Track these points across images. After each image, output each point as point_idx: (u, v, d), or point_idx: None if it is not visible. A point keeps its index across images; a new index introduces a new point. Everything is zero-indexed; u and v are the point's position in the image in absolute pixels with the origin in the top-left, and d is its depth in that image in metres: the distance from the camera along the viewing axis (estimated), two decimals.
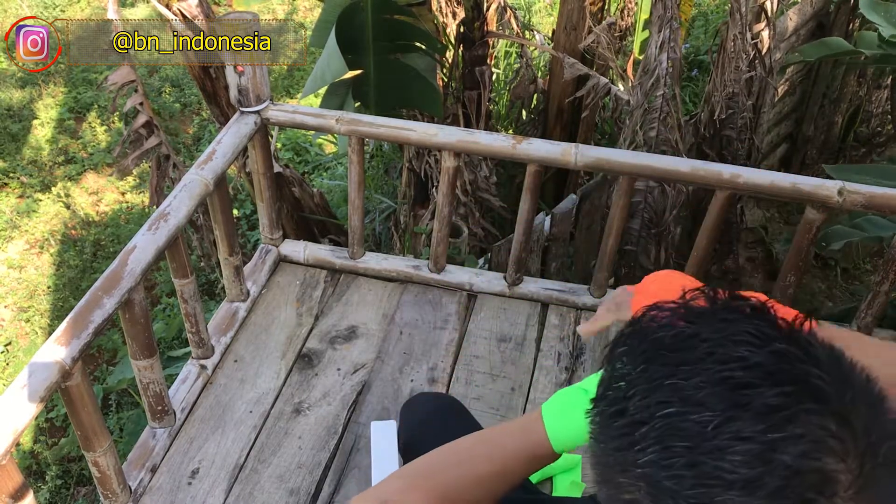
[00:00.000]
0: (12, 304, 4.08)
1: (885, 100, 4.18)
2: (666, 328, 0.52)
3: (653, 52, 2.68)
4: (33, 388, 1.37)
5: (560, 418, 0.78)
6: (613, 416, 0.51)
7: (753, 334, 0.49)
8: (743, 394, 0.46)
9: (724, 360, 0.48)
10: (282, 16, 6.38)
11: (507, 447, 0.80)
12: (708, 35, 5.45)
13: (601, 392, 0.54)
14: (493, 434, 0.84)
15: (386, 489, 0.81)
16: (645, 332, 0.53)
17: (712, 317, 0.51)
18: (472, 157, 3.20)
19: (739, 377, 0.47)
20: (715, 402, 0.46)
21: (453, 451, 0.83)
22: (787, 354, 0.48)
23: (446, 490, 0.80)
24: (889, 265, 2.05)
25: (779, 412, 0.45)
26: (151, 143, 2.73)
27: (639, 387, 0.50)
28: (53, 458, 3.26)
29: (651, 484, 0.47)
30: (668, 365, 0.49)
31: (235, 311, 2.23)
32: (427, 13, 3.07)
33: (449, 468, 0.81)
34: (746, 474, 0.44)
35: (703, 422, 0.46)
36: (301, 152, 4.98)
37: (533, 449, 0.79)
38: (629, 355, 0.53)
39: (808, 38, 3.70)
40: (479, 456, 0.81)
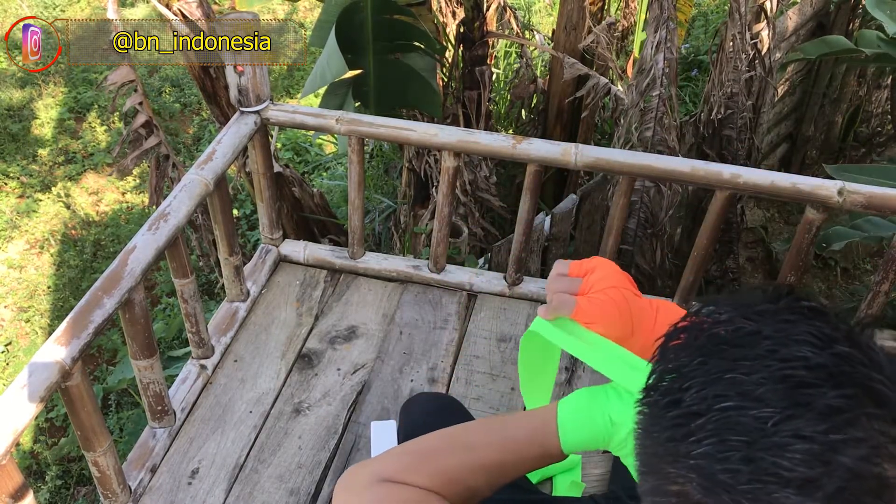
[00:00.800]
0: (12, 304, 4.08)
1: (885, 100, 4.18)
2: (725, 324, 0.52)
3: (649, 52, 2.69)
4: (33, 388, 1.37)
5: (574, 420, 0.76)
6: (667, 406, 0.50)
7: (816, 335, 0.48)
8: (804, 393, 0.46)
9: (786, 359, 0.47)
10: (282, 16, 6.38)
11: (517, 440, 0.79)
12: (708, 35, 5.45)
13: (653, 382, 0.53)
14: (504, 424, 0.82)
15: (386, 466, 0.80)
16: (702, 327, 0.53)
17: (774, 316, 0.51)
18: (472, 157, 3.20)
19: (801, 376, 0.46)
20: (775, 398, 0.46)
21: (461, 435, 0.82)
22: (850, 357, 0.47)
23: (448, 474, 0.78)
24: (889, 265, 2.05)
25: (840, 414, 0.45)
26: (151, 142, 2.73)
27: (696, 379, 0.49)
28: (53, 458, 3.26)
29: (704, 476, 0.46)
30: (727, 359, 0.49)
31: (235, 311, 2.23)
32: (427, 13, 3.07)
33: (454, 453, 0.80)
34: (805, 473, 0.44)
35: (763, 417, 0.46)
36: (301, 152, 4.99)
37: (542, 446, 0.78)
38: (685, 349, 0.52)
39: (808, 37, 3.70)
40: (487, 444, 0.79)
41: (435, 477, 0.78)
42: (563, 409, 0.77)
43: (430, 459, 0.80)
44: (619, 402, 0.74)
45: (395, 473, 0.78)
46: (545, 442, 0.77)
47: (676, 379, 0.51)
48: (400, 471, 0.79)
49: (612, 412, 0.74)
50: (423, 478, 0.78)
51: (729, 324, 0.51)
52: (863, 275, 3.78)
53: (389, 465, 0.80)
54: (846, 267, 3.80)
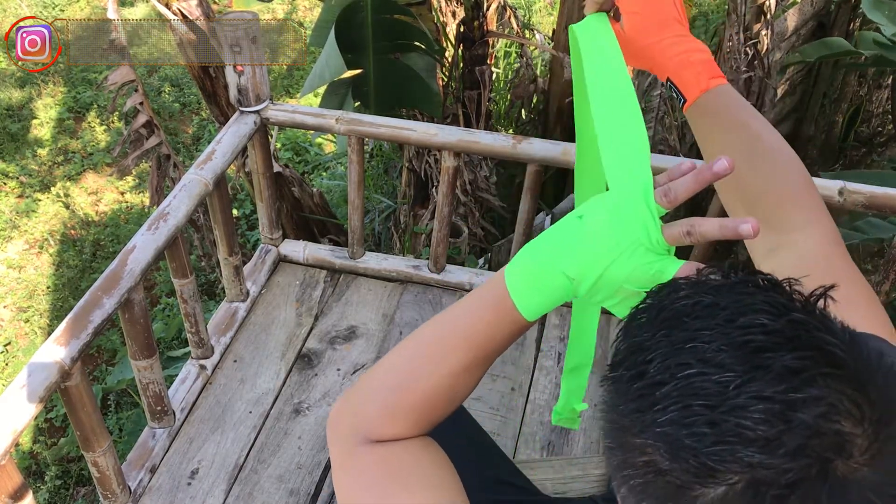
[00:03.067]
0: (11, 304, 4.08)
1: (885, 100, 4.18)
2: (684, 299, 0.53)
3: None
4: (32, 389, 1.37)
5: (526, 290, 0.69)
6: (632, 379, 0.51)
7: (772, 304, 0.50)
8: (763, 356, 0.47)
9: (744, 326, 0.49)
10: (282, 15, 6.38)
11: (479, 331, 0.73)
12: (708, 35, 5.44)
13: (618, 359, 0.54)
14: (459, 320, 0.75)
15: (367, 416, 0.76)
16: (663, 304, 0.54)
17: (731, 289, 0.52)
18: (472, 157, 3.20)
19: (760, 341, 0.48)
20: (735, 363, 0.47)
21: (421, 349, 0.76)
22: (805, 323, 0.49)
23: (427, 399, 0.74)
24: (889, 265, 2.05)
25: (798, 374, 0.46)
26: (152, 142, 2.73)
27: (659, 350, 0.50)
28: (53, 459, 3.26)
29: (670, 443, 0.48)
30: (688, 330, 0.50)
31: (235, 311, 2.23)
32: (427, 13, 3.07)
33: (425, 373, 0.74)
34: (766, 432, 0.45)
35: (724, 382, 0.47)
36: (301, 152, 4.98)
37: (507, 325, 0.71)
38: (647, 325, 0.53)
39: (808, 37, 3.70)
40: (452, 348, 0.74)
41: (416, 413, 0.75)
42: (510, 280, 0.70)
43: (403, 395, 0.75)
44: (570, 251, 0.66)
45: (375, 426, 0.75)
46: (507, 319, 0.71)
47: (640, 352, 0.52)
48: (379, 420, 0.75)
49: (565, 268, 0.66)
50: (404, 421, 0.75)
51: (688, 299, 0.53)
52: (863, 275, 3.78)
53: (368, 412, 0.76)
54: None
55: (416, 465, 0.74)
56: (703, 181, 0.63)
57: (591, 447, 1.96)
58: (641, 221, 0.63)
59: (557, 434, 1.99)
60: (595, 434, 1.99)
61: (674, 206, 0.64)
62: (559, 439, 1.98)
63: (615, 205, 0.64)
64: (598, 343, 2.21)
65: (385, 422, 0.75)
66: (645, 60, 0.85)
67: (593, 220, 0.65)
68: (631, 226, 0.63)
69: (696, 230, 0.63)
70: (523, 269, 0.69)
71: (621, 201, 0.64)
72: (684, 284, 0.54)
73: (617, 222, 0.64)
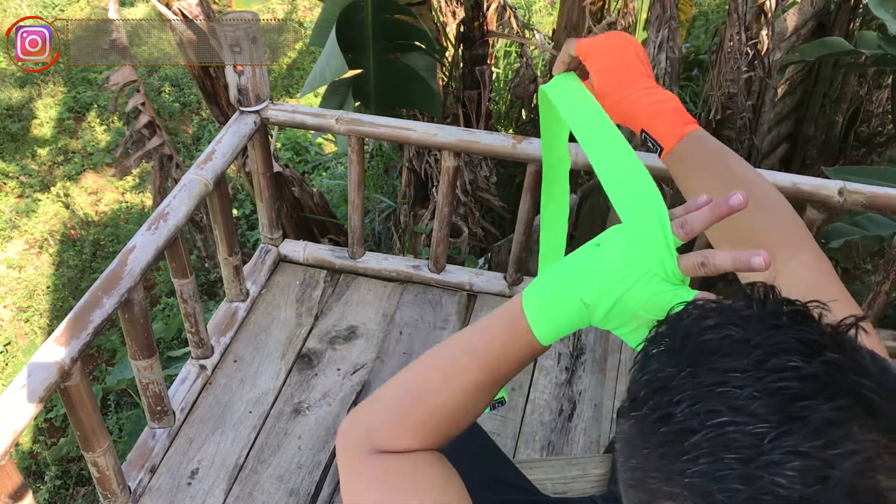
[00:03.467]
0: (11, 304, 4.08)
1: (885, 100, 4.18)
2: (712, 330, 0.50)
3: (651, 51, 2.69)
4: (32, 389, 1.37)
5: (542, 314, 0.70)
6: (657, 421, 0.49)
7: (804, 342, 0.48)
8: (798, 405, 0.45)
9: (777, 370, 0.47)
10: (282, 15, 6.38)
11: (493, 352, 0.73)
12: (708, 35, 5.44)
13: (640, 394, 0.52)
14: (473, 340, 0.75)
15: (376, 427, 0.76)
16: (688, 332, 0.51)
17: (760, 322, 0.50)
18: (472, 157, 3.20)
19: (795, 388, 0.46)
20: (770, 413, 0.45)
21: (436, 367, 0.77)
22: (840, 365, 0.47)
23: (437, 415, 0.75)
24: (889, 265, 2.05)
25: (835, 427, 0.45)
26: (154, 143, 2.73)
27: (686, 392, 0.48)
28: (53, 459, 3.26)
29: (700, 495, 0.46)
30: (717, 370, 0.48)
31: (235, 311, 2.23)
32: (427, 13, 3.06)
33: (436, 389, 0.75)
34: (803, 491, 0.44)
35: (759, 434, 0.45)
36: (301, 152, 4.98)
37: (521, 347, 0.72)
38: (671, 356, 0.51)
39: (808, 37, 3.70)
40: (465, 368, 0.74)
41: (424, 428, 0.75)
42: (527, 303, 0.71)
43: (413, 410, 0.75)
44: (587, 277, 0.67)
45: (384, 438, 0.75)
46: (522, 342, 0.71)
47: (665, 392, 0.49)
48: (388, 433, 0.75)
49: (581, 294, 0.67)
50: (413, 435, 0.75)
51: (716, 330, 0.50)
52: (863, 275, 3.78)
53: (377, 424, 0.76)
54: (847, 267, 3.79)
55: (422, 477, 0.74)
56: (719, 215, 0.63)
57: (591, 447, 1.96)
58: (657, 251, 0.64)
59: (557, 434, 1.99)
60: (595, 434, 1.99)
61: (690, 238, 0.64)
62: (559, 439, 1.98)
63: (632, 234, 0.65)
64: (597, 339, 2.21)
65: (394, 433, 0.75)
66: (617, 115, 0.86)
67: (611, 248, 0.66)
68: (647, 255, 0.64)
69: (710, 261, 0.63)
70: (541, 293, 0.70)
71: (638, 231, 0.65)
72: (711, 311, 0.52)
73: (634, 251, 0.64)
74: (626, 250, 0.65)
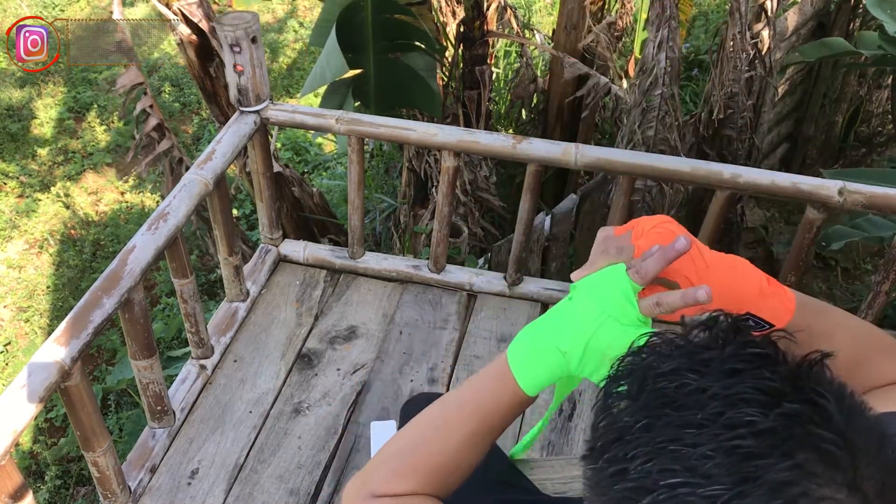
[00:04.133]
0: (12, 304, 4.08)
1: (885, 100, 4.18)
2: (669, 376, 0.50)
3: (651, 51, 2.69)
4: (33, 389, 1.37)
5: (525, 364, 0.74)
6: (613, 476, 0.49)
7: (763, 391, 0.47)
8: (753, 465, 0.44)
9: (733, 425, 0.46)
10: (282, 15, 6.38)
11: (482, 404, 0.77)
12: (708, 35, 5.44)
13: (598, 443, 0.51)
14: (464, 395, 0.80)
15: (373, 479, 0.79)
16: (645, 377, 0.51)
17: (720, 366, 0.49)
18: (472, 157, 3.20)
19: (749, 446, 0.45)
20: (723, 474, 0.45)
21: (429, 421, 0.80)
22: (799, 416, 0.46)
23: (431, 464, 0.77)
24: (889, 265, 2.05)
25: (791, 487, 0.44)
26: (163, 146, 2.72)
27: (641, 448, 0.48)
28: (53, 459, 3.26)
29: None
30: (672, 425, 0.47)
31: (235, 311, 2.23)
32: (427, 12, 3.06)
33: (430, 441, 0.79)
34: None
35: (712, 496, 0.44)
36: (301, 152, 4.98)
37: (509, 399, 0.76)
38: (629, 402, 0.51)
39: (808, 37, 3.70)
40: (457, 421, 0.78)
41: (419, 475, 0.77)
42: (512, 356, 0.76)
43: (409, 459, 0.79)
44: (562, 327, 0.72)
45: (381, 485, 0.78)
46: (509, 393, 0.75)
47: (620, 445, 0.49)
48: (385, 481, 0.79)
49: (558, 342, 0.71)
50: (408, 481, 0.77)
51: (673, 377, 0.49)
52: (863, 275, 3.78)
53: (376, 475, 0.80)
54: (847, 267, 3.80)
55: None
56: (668, 259, 0.69)
57: None
58: (618, 296, 0.70)
59: (557, 434, 1.99)
60: None
61: (646, 282, 0.70)
62: (559, 439, 1.98)
63: (596, 284, 0.72)
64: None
65: (391, 479, 0.78)
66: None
67: (580, 299, 0.72)
68: (609, 300, 0.70)
69: (663, 300, 0.68)
70: (522, 346, 0.75)
71: (601, 281, 0.71)
72: (671, 350, 0.51)
73: (597, 298, 0.70)
74: (592, 298, 0.71)
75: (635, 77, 2.80)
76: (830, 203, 1.93)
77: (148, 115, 2.67)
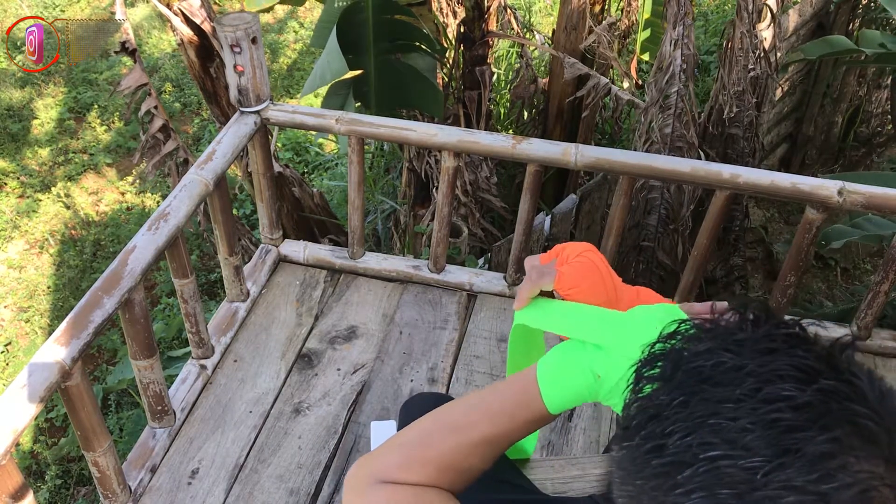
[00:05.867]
0: (12, 304, 4.08)
1: (885, 100, 4.18)
2: (704, 356, 0.50)
3: (667, 49, 2.68)
4: (33, 389, 1.37)
5: (555, 380, 0.75)
6: (651, 452, 0.48)
7: (799, 368, 0.47)
8: (793, 437, 0.45)
9: (771, 399, 0.46)
10: (282, 16, 6.38)
11: (503, 411, 0.77)
12: (708, 35, 5.45)
13: (633, 422, 0.51)
14: (485, 398, 0.80)
15: (384, 464, 0.79)
16: (680, 357, 0.51)
17: (754, 346, 0.49)
18: (472, 158, 3.20)
19: (788, 420, 0.45)
20: (763, 446, 0.45)
21: (447, 417, 0.81)
22: (835, 392, 0.46)
23: (443, 459, 0.77)
24: (889, 265, 2.05)
25: (830, 459, 0.44)
26: (169, 147, 2.72)
27: (679, 423, 0.47)
28: (53, 458, 3.26)
29: None
30: (710, 401, 0.47)
31: (235, 311, 2.23)
32: (427, 13, 3.07)
33: (444, 439, 0.78)
34: None
35: (752, 468, 0.44)
36: (301, 152, 4.99)
37: (529, 411, 0.76)
38: (663, 382, 0.50)
39: (808, 37, 3.70)
40: (474, 423, 0.78)
41: (429, 468, 0.77)
42: (541, 370, 0.76)
43: (421, 451, 0.79)
44: (600, 353, 0.72)
45: (390, 471, 0.78)
46: (531, 406, 0.76)
47: (657, 421, 0.49)
48: (395, 468, 0.78)
49: (594, 366, 0.72)
50: (418, 472, 0.77)
51: (708, 356, 0.49)
52: (863, 275, 3.78)
53: (385, 462, 0.79)
54: (846, 267, 3.80)
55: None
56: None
57: (591, 447, 1.97)
58: None
59: (557, 434, 1.99)
60: (595, 434, 1.99)
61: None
62: (559, 439, 1.98)
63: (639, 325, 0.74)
64: None
65: (402, 468, 0.78)
66: None
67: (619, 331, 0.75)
68: None
69: None
70: (555, 362, 0.75)
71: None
72: (704, 334, 0.51)
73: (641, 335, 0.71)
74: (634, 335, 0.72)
75: (652, 75, 2.80)
76: (830, 203, 1.93)
77: (153, 115, 2.67)
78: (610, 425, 2.01)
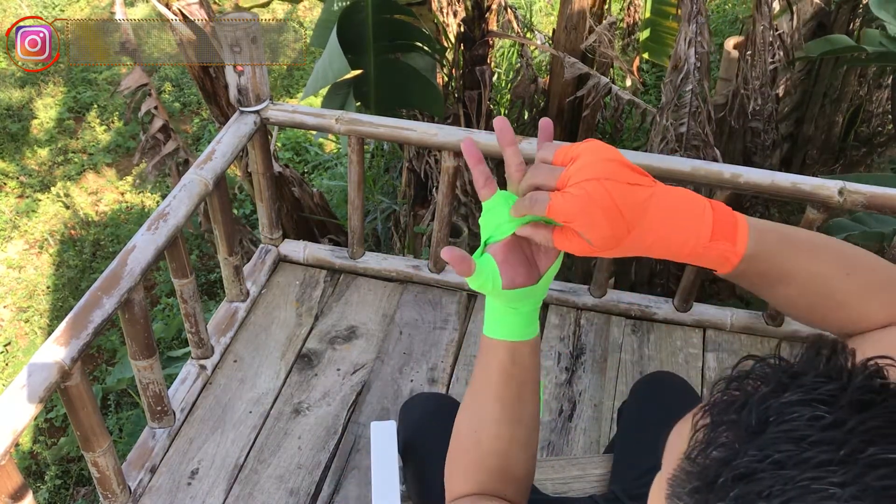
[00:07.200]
0: (12, 304, 4.08)
1: (885, 100, 4.18)
2: (796, 408, 0.45)
3: (682, 47, 2.67)
4: (32, 389, 1.37)
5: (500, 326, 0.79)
6: None
7: None
8: None
9: (876, 464, 0.42)
10: (282, 15, 6.38)
11: (492, 377, 0.80)
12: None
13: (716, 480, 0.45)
14: (476, 389, 0.83)
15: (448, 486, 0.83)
16: (767, 408, 0.45)
17: (849, 400, 0.44)
18: None
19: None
20: None
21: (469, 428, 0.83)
22: None
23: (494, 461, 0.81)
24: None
25: None
26: (169, 147, 2.72)
27: (776, 486, 0.43)
28: (53, 459, 3.26)
29: None
30: (808, 463, 0.42)
31: (235, 311, 2.23)
32: (427, 13, 3.06)
33: (481, 441, 0.81)
34: None
35: None
36: (301, 152, 4.98)
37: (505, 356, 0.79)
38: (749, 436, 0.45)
39: (808, 37, 3.70)
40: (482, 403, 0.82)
41: (470, 472, 0.81)
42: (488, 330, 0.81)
43: (458, 461, 0.83)
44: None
45: (452, 489, 0.83)
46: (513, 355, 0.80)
47: (750, 483, 0.44)
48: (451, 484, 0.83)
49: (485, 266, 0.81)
50: (466, 481, 0.82)
51: (802, 409, 0.44)
52: None
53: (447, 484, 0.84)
54: None
55: None
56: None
57: (591, 447, 1.96)
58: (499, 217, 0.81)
59: (557, 434, 1.99)
60: (595, 434, 1.99)
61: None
62: (559, 439, 1.98)
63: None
64: (597, 339, 2.20)
65: (457, 483, 0.83)
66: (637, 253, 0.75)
67: None
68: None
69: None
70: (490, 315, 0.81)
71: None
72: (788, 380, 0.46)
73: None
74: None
75: (668, 75, 2.79)
76: (830, 203, 1.93)
77: (153, 115, 2.67)
78: (610, 425, 2.00)
